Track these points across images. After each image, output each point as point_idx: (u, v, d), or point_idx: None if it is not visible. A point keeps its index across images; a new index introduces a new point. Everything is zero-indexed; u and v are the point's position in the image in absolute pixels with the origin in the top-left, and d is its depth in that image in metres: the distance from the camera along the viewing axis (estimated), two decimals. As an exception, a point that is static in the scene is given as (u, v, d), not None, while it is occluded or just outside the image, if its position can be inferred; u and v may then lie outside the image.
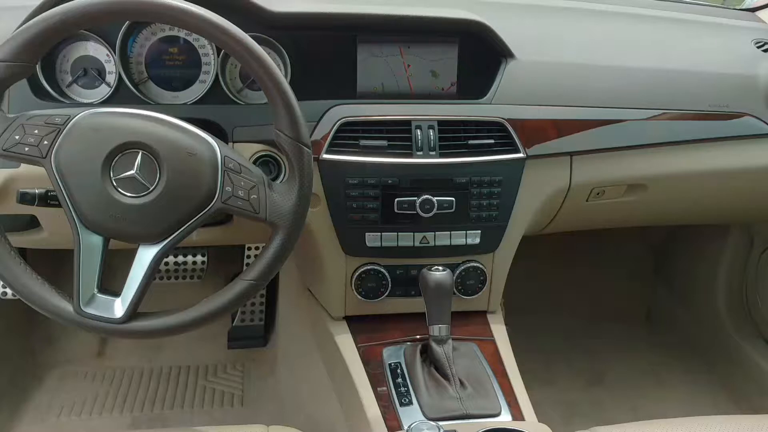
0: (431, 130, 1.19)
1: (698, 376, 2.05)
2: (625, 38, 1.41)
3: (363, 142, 1.18)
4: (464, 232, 1.25)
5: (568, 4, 1.47)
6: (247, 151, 1.14)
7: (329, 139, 1.17)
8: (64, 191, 0.89)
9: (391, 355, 1.25)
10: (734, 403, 1.93)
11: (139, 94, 1.19)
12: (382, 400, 1.16)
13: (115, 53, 1.17)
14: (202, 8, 0.89)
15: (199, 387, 1.93)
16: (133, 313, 0.92)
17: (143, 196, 0.90)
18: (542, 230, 1.47)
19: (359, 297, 1.29)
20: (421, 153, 1.19)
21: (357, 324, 1.33)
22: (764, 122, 1.38)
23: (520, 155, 1.23)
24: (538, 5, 1.45)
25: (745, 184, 1.47)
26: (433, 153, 1.19)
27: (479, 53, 1.28)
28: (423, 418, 1.09)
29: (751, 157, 1.41)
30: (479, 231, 1.26)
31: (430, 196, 1.20)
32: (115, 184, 0.89)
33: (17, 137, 0.88)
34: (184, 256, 1.96)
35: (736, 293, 2.03)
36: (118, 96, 1.19)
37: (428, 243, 1.25)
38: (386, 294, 1.29)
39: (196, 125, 0.94)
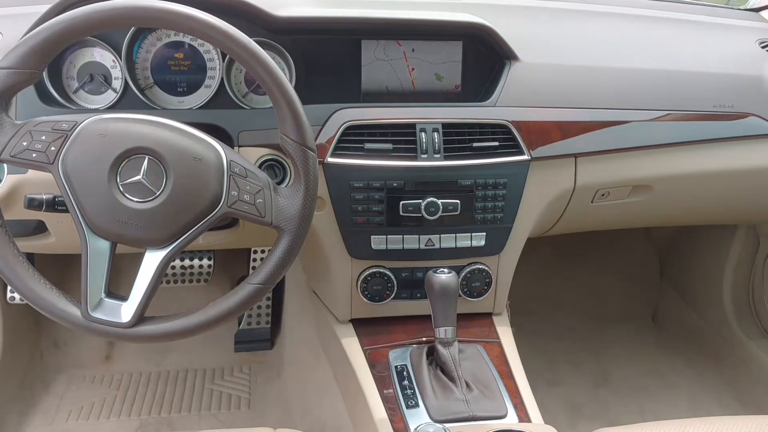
0: (436, 133, 1.20)
1: (705, 376, 2.04)
2: (629, 39, 1.41)
3: (368, 146, 1.18)
4: (469, 234, 1.25)
5: (571, 5, 1.47)
6: (253, 155, 1.15)
7: (334, 142, 1.17)
8: (71, 197, 0.89)
9: (397, 357, 1.25)
10: (741, 404, 1.92)
11: (145, 100, 1.20)
12: (389, 403, 1.16)
13: (120, 59, 1.18)
14: (207, 13, 0.90)
15: (206, 390, 1.94)
16: (140, 317, 0.93)
17: (150, 201, 0.90)
18: (547, 231, 1.47)
19: (365, 300, 1.29)
20: (425, 156, 1.19)
21: (363, 327, 1.33)
22: (769, 122, 1.38)
23: (525, 157, 1.23)
24: (541, 7, 1.45)
25: (751, 183, 1.47)
26: (438, 156, 1.20)
27: (483, 56, 1.29)
28: (429, 420, 1.09)
29: (756, 157, 1.41)
30: (484, 233, 1.26)
31: (435, 199, 1.20)
32: (121, 189, 0.90)
33: (25, 143, 0.89)
34: (191, 259, 1.97)
35: (743, 294, 2.02)
36: (124, 101, 1.20)
37: (433, 245, 1.25)
38: (392, 296, 1.29)
39: (201, 130, 0.95)
